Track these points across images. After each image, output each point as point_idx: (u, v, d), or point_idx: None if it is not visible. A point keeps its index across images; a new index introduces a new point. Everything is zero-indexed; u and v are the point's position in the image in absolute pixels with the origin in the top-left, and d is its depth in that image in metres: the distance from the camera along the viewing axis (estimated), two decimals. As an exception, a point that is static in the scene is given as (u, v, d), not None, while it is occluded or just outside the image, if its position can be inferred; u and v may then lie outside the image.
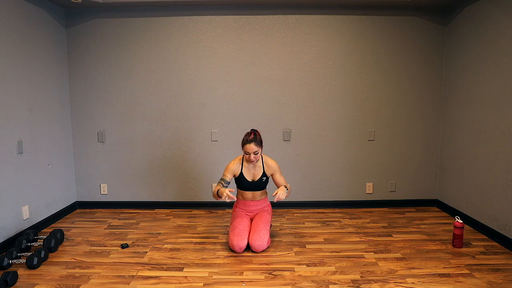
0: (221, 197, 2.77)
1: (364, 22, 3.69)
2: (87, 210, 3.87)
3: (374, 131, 3.84)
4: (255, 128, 2.96)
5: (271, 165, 2.97)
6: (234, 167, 2.95)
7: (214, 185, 3.87)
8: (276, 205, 3.87)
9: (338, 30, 3.70)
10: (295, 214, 3.70)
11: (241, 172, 2.94)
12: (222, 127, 3.80)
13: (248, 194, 2.99)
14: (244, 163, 2.95)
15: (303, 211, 3.82)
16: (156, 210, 3.86)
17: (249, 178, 2.94)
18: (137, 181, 3.89)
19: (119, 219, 3.58)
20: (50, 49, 3.44)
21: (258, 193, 3.00)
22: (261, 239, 2.73)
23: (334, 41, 3.71)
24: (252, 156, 2.81)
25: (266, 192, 3.10)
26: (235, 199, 2.79)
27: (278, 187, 2.98)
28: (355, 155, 3.86)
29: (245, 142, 2.80)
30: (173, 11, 3.66)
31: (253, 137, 2.79)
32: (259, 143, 2.82)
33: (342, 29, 3.69)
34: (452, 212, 3.61)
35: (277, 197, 2.75)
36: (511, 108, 2.80)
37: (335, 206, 3.90)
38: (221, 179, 2.94)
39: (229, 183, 2.97)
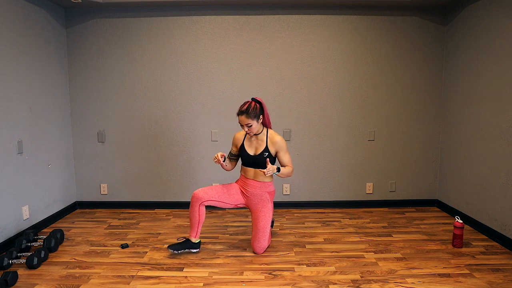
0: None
1: (364, 22, 3.69)
2: (87, 210, 3.87)
3: (374, 131, 3.84)
4: (256, 98, 2.66)
5: (276, 141, 2.67)
6: (237, 137, 2.80)
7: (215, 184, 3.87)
8: (276, 205, 3.88)
9: (338, 30, 3.70)
10: (295, 214, 3.70)
11: (243, 144, 2.75)
12: (222, 127, 3.80)
13: (250, 171, 2.75)
14: (247, 135, 2.75)
15: (303, 211, 3.82)
16: (156, 210, 3.86)
17: (250, 152, 2.72)
18: (137, 181, 3.89)
19: (119, 219, 3.58)
20: (50, 49, 3.44)
21: (261, 172, 2.66)
22: (262, 243, 2.72)
23: (334, 41, 3.71)
24: (246, 128, 2.60)
25: (272, 176, 2.76)
26: (221, 162, 2.59)
27: (283, 165, 2.74)
28: (355, 155, 3.86)
29: (237, 113, 2.60)
30: (173, 11, 3.66)
31: (246, 108, 2.55)
32: (253, 115, 2.55)
33: (342, 29, 3.69)
34: (452, 212, 3.61)
35: (265, 170, 2.50)
36: None
37: (335, 206, 3.90)
38: (229, 152, 2.85)
39: (237, 156, 2.81)
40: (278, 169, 2.61)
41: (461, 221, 2.81)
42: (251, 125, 2.58)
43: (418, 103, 3.81)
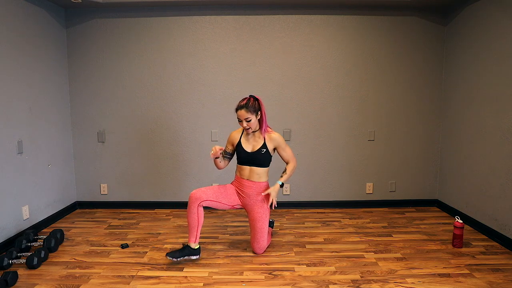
0: (217, 159, 2.69)
1: (364, 22, 3.69)
2: (87, 210, 3.87)
3: (374, 131, 3.84)
4: (255, 95, 2.68)
5: (274, 138, 2.69)
6: (234, 135, 2.79)
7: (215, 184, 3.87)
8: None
9: (338, 30, 3.70)
10: (295, 214, 3.70)
11: (240, 141, 2.73)
12: (222, 127, 3.80)
13: (246, 170, 2.72)
14: (244, 132, 2.75)
15: (303, 211, 3.82)
16: (156, 210, 3.86)
17: (247, 149, 2.70)
18: (137, 181, 3.89)
19: (119, 219, 3.58)
20: (50, 49, 3.44)
21: (256, 171, 2.70)
22: (261, 243, 2.72)
23: (334, 41, 3.71)
24: (245, 123, 2.59)
25: (267, 175, 2.79)
26: (219, 154, 2.58)
27: (285, 162, 2.78)
28: (355, 155, 3.86)
29: (236, 108, 2.61)
30: (173, 11, 3.66)
31: (245, 102, 2.57)
32: (252, 109, 2.57)
33: (342, 29, 3.69)
34: (452, 212, 3.61)
35: (269, 199, 2.64)
36: None
37: (335, 206, 3.90)
38: (223, 150, 2.76)
39: (230, 154, 2.81)
40: (282, 184, 2.71)
41: (461, 221, 2.81)
42: (250, 120, 2.57)
43: (418, 103, 3.81)
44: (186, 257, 2.54)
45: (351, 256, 2.69)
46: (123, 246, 2.88)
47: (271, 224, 3.14)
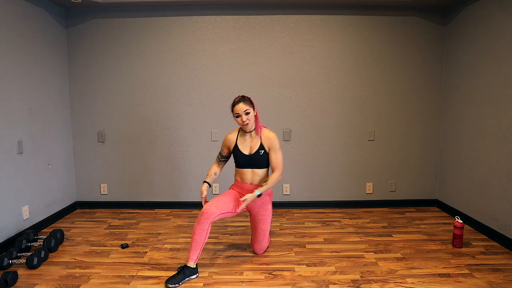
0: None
1: (364, 22, 3.69)
2: (87, 210, 3.87)
3: (374, 131, 3.84)
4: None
5: (270, 137, 2.59)
6: (229, 138, 2.67)
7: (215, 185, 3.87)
8: (276, 205, 3.88)
9: (338, 30, 3.70)
10: (295, 214, 3.70)
11: (236, 144, 2.63)
12: (222, 127, 3.80)
13: (247, 173, 2.63)
14: (240, 134, 2.65)
15: (303, 211, 3.82)
16: (156, 210, 3.86)
17: (245, 151, 2.60)
18: (137, 181, 3.89)
19: (119, 219, 3.58)
20: (50, 49, 3.44)
21: (258, 173, 2.61)
22: (263, 244, 2.71)
23: (334, 41, 3.71)
24: (244, 117, 2.48)
25: (268, 176, 2.67)
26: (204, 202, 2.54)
27: (272, 169, 2.63)
28: (355, 155, 3.86)
29: (233, 104, 2.52)
30: (173, 11, 3.66)
31: (242, 97, 2.53)
32: (250, 102, 2.53)
33: (342, 29, 3.69)
34: (452, 212, 3.61)
35: (243, 203, 2.46)
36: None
37: (335, 206, 3.90)
38: (219, 153, 2.74)
39: (226, 157, 2.72)
40: (260, 194, 2.48)
41: (461, 221, 2.81)
42: (249, 112, 2.49)
43: (418, 103, 3.81)
44: (187, 279, 2.34)
45: (351, 256, 2.69)
46: (123, 246, 2.88)
47: None
